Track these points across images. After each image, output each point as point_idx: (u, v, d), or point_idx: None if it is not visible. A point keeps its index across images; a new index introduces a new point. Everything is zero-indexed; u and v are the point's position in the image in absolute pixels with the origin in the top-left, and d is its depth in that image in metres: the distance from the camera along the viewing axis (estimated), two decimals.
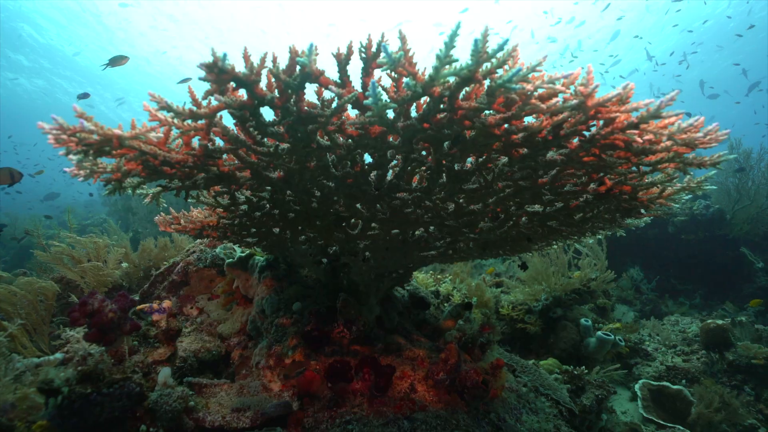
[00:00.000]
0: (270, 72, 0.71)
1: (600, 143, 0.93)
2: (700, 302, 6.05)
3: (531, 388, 2.14)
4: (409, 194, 1.14)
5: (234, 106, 0.77)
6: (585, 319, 3.22)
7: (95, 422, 1.16)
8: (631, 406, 3.37)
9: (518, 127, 0.84)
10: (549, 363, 3.01)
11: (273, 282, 1.97)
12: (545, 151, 0.98)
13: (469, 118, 0.79)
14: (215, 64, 0.69)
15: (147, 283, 2.55)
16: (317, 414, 1.38)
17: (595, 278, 3.75)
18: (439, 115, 0.79)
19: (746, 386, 3.36)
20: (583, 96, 0.75)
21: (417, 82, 0.69)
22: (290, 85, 0.72)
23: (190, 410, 1.35)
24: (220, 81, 0.71)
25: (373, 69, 0.77)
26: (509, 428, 1.72)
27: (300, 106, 0.75)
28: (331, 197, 1.16)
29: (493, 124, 0.81)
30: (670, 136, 0.89)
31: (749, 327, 4.35)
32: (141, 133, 0.83)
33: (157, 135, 0.86)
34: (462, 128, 0.82)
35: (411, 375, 1.66)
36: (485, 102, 0.73)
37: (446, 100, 0.75)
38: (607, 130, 0.86)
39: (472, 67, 0.65)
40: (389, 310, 2.15)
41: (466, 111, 0.77)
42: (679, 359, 3.79)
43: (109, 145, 0.86)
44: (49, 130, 0.80)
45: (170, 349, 1.55)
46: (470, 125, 0.81)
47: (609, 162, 1.06)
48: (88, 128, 0.79)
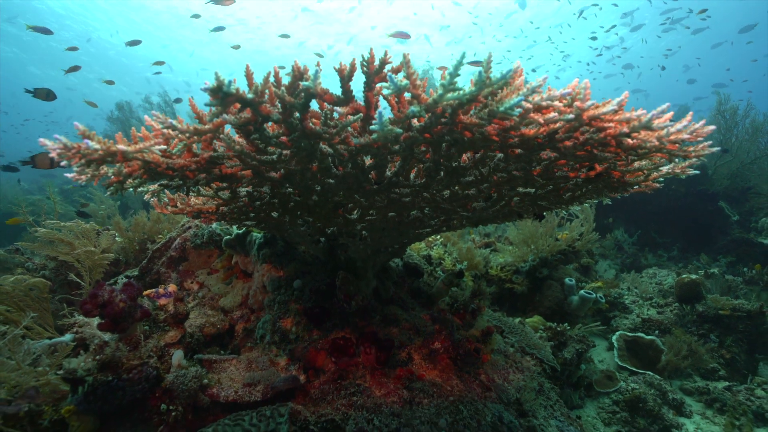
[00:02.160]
0: (275, 94, 0.71)
1: (593, 143, 0.96)
2: (678, 254, 6.36)
3: (518, 348, 2.31)
4: (408, 189, 1.17)
5: (239, 123, 0.77)
6: (569, 279, 3.40)
7: (119, 405, 1.25)
8: (608, 355, 3.66)
9: (516, 134, 0.86)
10: (534, 320, 3.21)
11: (272, 261, 2.03)
12: (540, 150, 1.01)
13: (469, 130, 0.81)
14: (219, 88, 0.69)
15: (145, 259, 2.58)
16: (323, 386, 1.50)
17: (580, 238, 3.90)
18: (440, 127, 0.81)
19: (712, 334, 3.65)
20: (580, 110, 0.78)
21: (421, 104, 0.70)
22: (295, 106, 0.73)
23: (205, 387, 1.45)
24: (225, 104, 0.71)
25: (375, 83, 0.77)
26: (497, 387, 1.88)
27: (305, 124, 0.76)
28: (331, 191, 1.19)
29: (492, 133, 0.83)
30: (659, 138, 0.92)
31: (720, 278, 4.64)
32: (145, 148, 0.84)
33: (161, 147, 0.86)
34: (462, 136, 0.85)
35: (408, 345, 1.78)
36: (486, 118, 0.75)
37: (448, 115, 0.77)
38: (600, 135, 0.89)
39: (475, 93, 0.67)
40: (385, 280, 2.24)
41: (466, 124, 0.79)
42: (654, 311, 4.06)
43: (113, 159, 0.86)
44: (53, 149, 0.80)
45: (180, 331, 1.63)
46: (470, 135, 0.83)
47: (600, 156, 1.10)
48: (93, 147, 0.79)
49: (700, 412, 3.12)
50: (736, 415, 2.98)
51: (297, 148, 0.87)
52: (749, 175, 5.73)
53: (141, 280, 2.57)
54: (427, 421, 1.34)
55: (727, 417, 2.99)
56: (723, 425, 2.96)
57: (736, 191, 5.91)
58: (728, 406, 3.04)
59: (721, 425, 2.97)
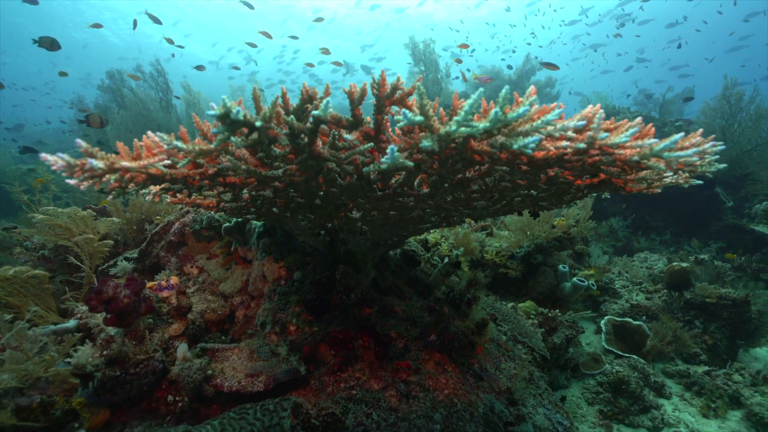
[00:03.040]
0: (284, 120, 0.70)
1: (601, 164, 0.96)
2: (670, 238, 6.46)
3: (510, 336, 2.39)
4: (413, 197, 1.17)
5: (247, 145, 0.76)
6: (563, 266, 3.46)
7: (127, 397, 1.30)
8: (596, 338, 3.78)
9: (525, 159, 0.86)
10: (527, 305, 3.29)
11: (271, 251, 2.04)
12: (548, 168, 1.01)
13: (479, 154, 0.81)
14: (227, 115, 0.68)
15: (144, 242, 2.59)
16: (323, 378, 1.55)
17: (576, 224, 3.94)
18: (449, 151, 0.81)
19: (697, 321, 3.77)
20: (593, 139, 0.77)
21: (433, 133, 0.70)
22: (304, 132, 0.72)
23: (209, 378, 1.49)
24: (233, 130, 0.70)
25: (386, 107, 0.76)
26: (489, 377, 1.95)
27: (313, 149, 0.75)
28: (335, 197, 1.19)
29: (502, 156, 0.83)
30: (668, 162, 0.93)
31: (710, 265, 4.74)
32: (149, 164, 0.83)
33: (165, 163, 0.85)
34: (471, 158, 0.84)
35: (405, 336, 1.83)
36: (498, 148, 0.75)
37: (458, 142, 0.76)
38: (609, 159, 0.89)
39: (489, 128, 0.66)
40: (383, 270, 2.27)
41: (477, 150, 0.78)
42: (643, 296, 4.17)
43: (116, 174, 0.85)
44: (55, 164, 0.79)
45: (183, 323, 1.66)
46: (480, 158, 0.83)
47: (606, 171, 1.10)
48: (97, 166, 0.78)
49: (679, 394, 3.27)
50: (713, 398, 3.13)
51: (303, 166, 0.86)
52: (748, 162, 5.75)
53: (141, 262, 2.59)
54: (423, 415, 1.40)
55: (704, 399, 3.14)
56: (699, 407, 3.11)
57: (734, 178, 5.94)
58: (706, 390, 3.18)
59: (698, 407, 3.12)
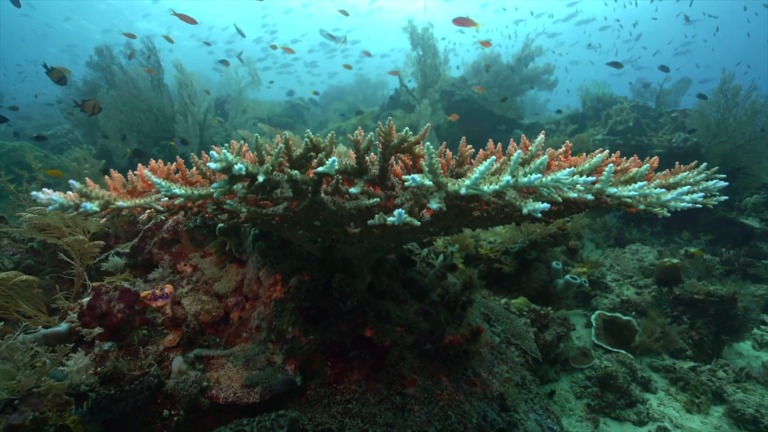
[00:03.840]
0: (287, 173, 0.67)
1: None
2: (661, 230, 6.53)
3: (503, 339, 2.42)
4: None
5: (248, 192, 0.73)
6: (556, 263, 3.49)
7: (121, 413, 1.30)
8: (585, 333, 3.86)
9: None
10: (519, 302, 3.33)
11: (267, 254, 2.02)
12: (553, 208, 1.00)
13: (486, 204, 0.79)
14: (229, 169, 0.64)
15: (136, 237, 2.55)
16: (319, 389, 1.57)
17: (571, 220, 3.96)
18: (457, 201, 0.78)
19: (685, 316, 3.86)
20: (601, 192, 0.75)
21: (440, 190, 0.67)
22: (308, 183, 0.69)
23: (204, 389, 1.50)
24: (234, 182, 0.67)
25: (392, 155, 0.73)
26: (483, 382, 1.99)
27: (317, 198, 0.73)
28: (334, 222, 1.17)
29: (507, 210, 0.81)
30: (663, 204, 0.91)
31: (699, 259, 4.82)
32: (145, 203, 0.79)
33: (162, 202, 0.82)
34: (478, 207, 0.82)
35: (401, 343, 1.85)
36: (506, 203, 0.73)
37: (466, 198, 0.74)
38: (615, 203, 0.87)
39: (498, 191, 0.64)
40: (379, 273, 2.27)
41: (485, 202, 0.76)
42: (633, 291, 4.24)
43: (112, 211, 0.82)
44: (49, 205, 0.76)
45: (178, 333, 1.65)
46: (486, 207, 0.81)
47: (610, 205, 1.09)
48: (92, 209, 0.75)
49: (664, 389, 3.37)
50: (697, 393, 3.24)
51: (306, 209, 0.83)
52: (741, 156, 5.77)
53: (133, 258, 2.56)
54: (418, 430, 1.42)
55: (689, 395, 3.24)
56: (684, 402, 3.22)
57: (727, 172, 5.97)
58: (691, 385, 3.28)
59: (682, 402, 3.23)
